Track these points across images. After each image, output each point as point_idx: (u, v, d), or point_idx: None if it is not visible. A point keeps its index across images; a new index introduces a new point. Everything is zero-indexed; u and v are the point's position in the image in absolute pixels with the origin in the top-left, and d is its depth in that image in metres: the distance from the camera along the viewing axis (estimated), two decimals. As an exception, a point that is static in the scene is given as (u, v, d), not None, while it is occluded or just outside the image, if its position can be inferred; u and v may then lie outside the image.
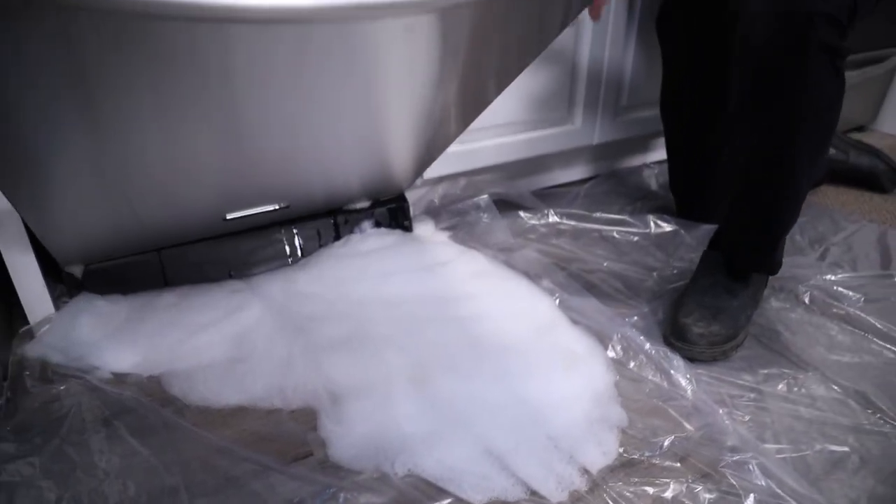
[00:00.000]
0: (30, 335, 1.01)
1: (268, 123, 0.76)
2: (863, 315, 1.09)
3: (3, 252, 0.96)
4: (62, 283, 1.07)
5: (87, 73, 0.56)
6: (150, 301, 1.07)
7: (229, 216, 1.05)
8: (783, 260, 1.08)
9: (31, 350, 0.98)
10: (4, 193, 0.82)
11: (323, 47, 0.63)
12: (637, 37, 1.37)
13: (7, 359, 0.96)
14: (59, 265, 1.05)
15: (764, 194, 0.95)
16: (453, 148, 1.18)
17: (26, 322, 1.02)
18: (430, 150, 1.09)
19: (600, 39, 1.29)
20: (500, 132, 1.29)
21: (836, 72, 0.83)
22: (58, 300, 1.06)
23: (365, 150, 0.98)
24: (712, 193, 1.25)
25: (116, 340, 0.99)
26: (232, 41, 0.57)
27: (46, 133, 0.68)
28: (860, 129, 2.12)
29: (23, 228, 0.95)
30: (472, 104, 0.96)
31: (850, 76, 1.78)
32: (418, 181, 1.27)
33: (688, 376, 0.92)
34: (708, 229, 1.26)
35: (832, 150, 1.61)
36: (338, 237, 1.22)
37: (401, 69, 0.73)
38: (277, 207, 1.08)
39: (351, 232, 1.23)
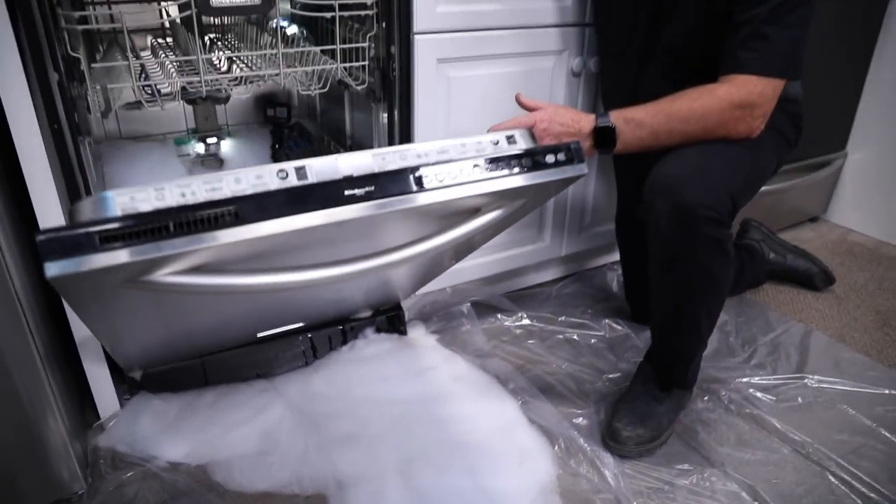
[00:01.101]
0: (101, 428, 1.28)
1: (298, 292, 1.04)
2: (768, 416, 1.35)
3: (84, 365, 1.24)
4: (125, 384, 1.35)
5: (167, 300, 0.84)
6: (195, 399, 1.35)
7: (260, 335, 1.32)
8: (721, 361, 1.43)
9: (103, 441, 1.25)
10: (90, 329, 1.09)
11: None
12: (598, 167, 1.65)
13: (86, 448, 1.24)
14: (123, 371, 1.33)
15: (673, 335, 1.23)
16: (441, 269, 1.46)
17: (97, 417, 1.30)
18: (426, 278, 1.37)
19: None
20: (480, 253, 1.56)
21: (720, 251, 1.10)
22: (122, 398, 1.33)
23: (372, 287, 1.26)
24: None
25: (170, 434, 1.26)
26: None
27: (125, 308, 0.96)
28: (814, 219, 2.39)
29: (101, 349, 1.23)
30: (463, 252, 1.24)
31: (803, 181, 2.05)
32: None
33: (615, 472, 1.18)
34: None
35: (772, 255, 1.87)
36: (345, 342, 1.49)
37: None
38: (298, 326, 1.36)
39: (356, 337, 1.50)
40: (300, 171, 0.68)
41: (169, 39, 1.56)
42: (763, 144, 1.19)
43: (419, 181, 0.71)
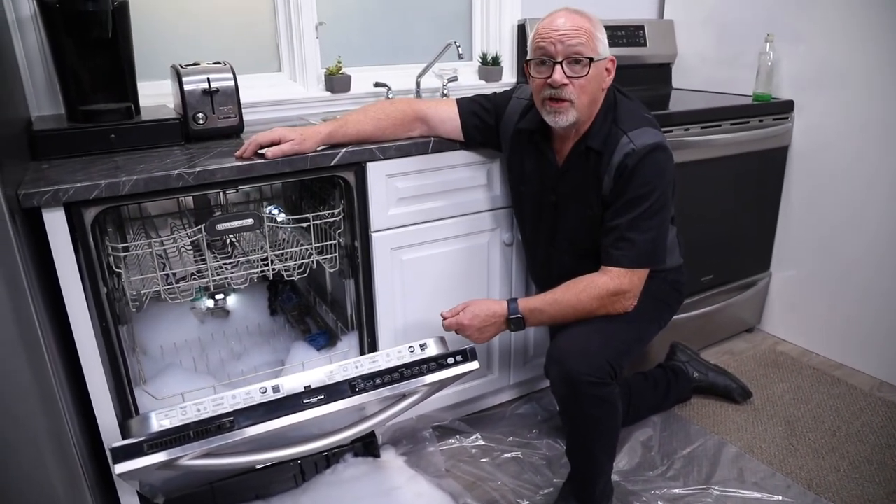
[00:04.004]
0: (131, 545, 1.60)
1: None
2: (668, 524, 1.66)
3: (119, 495, 1.57)
4: (150, 509, 1.68)
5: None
6: (206, 520, 1.67)
7: (258, 466, 1.66)
8: (641, 475, 1.75)
9: (133, 557, 1.57)
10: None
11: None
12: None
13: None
14: (149, 499, 1.66)
15: (577, 463, 1.56)
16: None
17: (129, 536, 1.62)
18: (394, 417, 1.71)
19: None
20: (439, 387, 1.91)
21: (603, 404, 1.44)
22: (148, 521, 1.66)
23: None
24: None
25: (185, 551, 1.58)
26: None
27: (157, 475, 1.30)
28: (750, 330, 2.71)
29: (133, 489, 1.56)
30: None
31: (736, 299, 2.39)
32: (384, 423, 1.88)
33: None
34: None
35: (696, 374, 2.19)
36: (328, 466, 1.82)
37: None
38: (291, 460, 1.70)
39: (337, 462, 1.83)
40: (275, 388, 1.03)
41: (185, 220, 1.94)
42: (642, 315, 1.54)
43: (353, 388, 1.07)
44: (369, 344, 1.72)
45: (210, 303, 2.03)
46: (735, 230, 2.41)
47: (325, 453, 1.82)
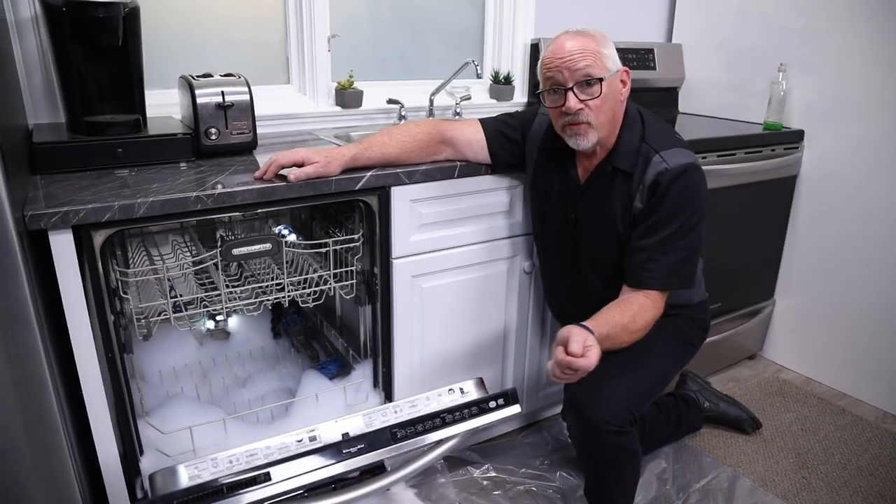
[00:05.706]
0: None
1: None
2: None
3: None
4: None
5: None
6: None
7: None
8: None
9: None
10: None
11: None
12: (551, 340, 1.94)
13: None
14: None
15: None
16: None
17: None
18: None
19: (521, 350, 1.87)
20: (450, 417, 1.84)
21: (622, 450, 1.39)
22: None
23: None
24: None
25: None
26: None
27: None
28: (752, 357, 2.69)
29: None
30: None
31: (741, 327, 2.35)
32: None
33: None
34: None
35: (707, 404, 2.15)
36: (336, 499, 1.74)
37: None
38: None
39: (345, 495, 1.74)
40: (312, 438, 0.96)
41: (187, 237, 1.85)
42: (668, 357, 1.49)
43: (395, 436, 1.00)
44: (384, 374, 1.65)
45: (210, 324, 1.94)
46: (743, 259, 2.39)
47: (332, 485, 1.73)
